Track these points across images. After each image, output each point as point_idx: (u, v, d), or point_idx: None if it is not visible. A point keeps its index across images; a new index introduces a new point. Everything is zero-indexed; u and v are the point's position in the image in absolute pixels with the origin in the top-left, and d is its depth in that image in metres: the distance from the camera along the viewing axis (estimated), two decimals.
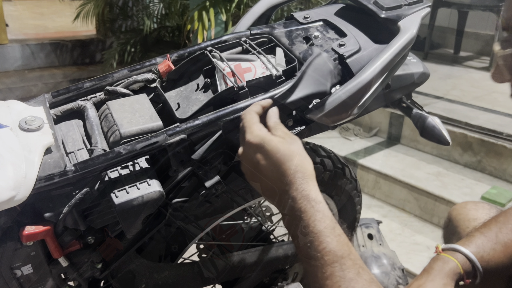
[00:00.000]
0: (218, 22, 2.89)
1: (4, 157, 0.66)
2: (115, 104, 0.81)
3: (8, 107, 0.77)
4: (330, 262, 0.61)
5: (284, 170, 0.66)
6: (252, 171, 0.69)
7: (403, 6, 0.87)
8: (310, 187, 0.65)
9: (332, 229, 0.63)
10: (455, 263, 0.81)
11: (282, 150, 0.66)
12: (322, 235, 0.62)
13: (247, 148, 0.69)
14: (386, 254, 1.51)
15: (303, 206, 0.64)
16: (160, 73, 0.87)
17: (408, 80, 0.95)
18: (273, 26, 0.94)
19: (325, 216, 0.64)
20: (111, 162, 0.71)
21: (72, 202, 0.70)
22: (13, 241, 0.70)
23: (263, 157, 0.67)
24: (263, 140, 0.68)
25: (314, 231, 0.62)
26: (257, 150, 0.68)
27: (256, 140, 0.68)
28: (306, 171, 0.67)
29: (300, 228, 0.63)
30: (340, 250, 0.61)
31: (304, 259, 0.63)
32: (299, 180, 0.65)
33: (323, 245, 0.61)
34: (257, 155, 0.68)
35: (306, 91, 0.80)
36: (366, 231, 1.60)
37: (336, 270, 0.60)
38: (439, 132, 0.90)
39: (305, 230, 0.63)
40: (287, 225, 0.68)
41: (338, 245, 0.62)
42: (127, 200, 0.71)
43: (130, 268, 0.92)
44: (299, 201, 0.64)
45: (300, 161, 0.67)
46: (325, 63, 0.82)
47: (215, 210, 0.95)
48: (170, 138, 0.74)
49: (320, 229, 0.62)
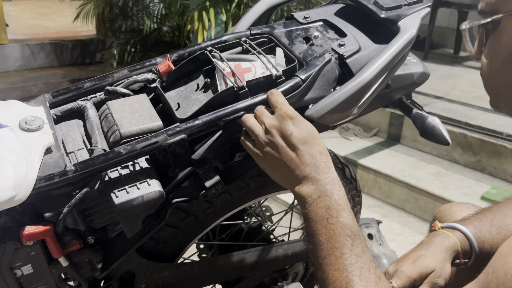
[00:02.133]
0: (218, 22, 2.89)
1: (4, 157, 0.66)
2: (115, 104, 0.81)
3: (8, 107, 0.77)
4: (343, 236, 0.65)
5: (315, 143, 0.71)
6: (278, 143, 0.71)
7: (403, 6, 0.87)
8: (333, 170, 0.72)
9: (350, 207, 0.69)
10: (454, 240, 0.83)
11: (313, 129, 0.72)
12: (345, 208, 0.67)
13: (282, 119, 0.71)
14: (386, 254, 1.51)
15: (330, 180, 0.69)
16: (160, 73, 0.87)
17: (408, 80, 0.95)
18: (273, 26, 0.94)
19: (346, 198, 0.69)
20: (111, 162, 0.71)
21: (72, 202, 0.70)
22: (13, 241, 0.70)
23: (297, 128, 0.70)
24: (298, 115, 0.72)
25: (340, 203, 0.67)
26: (292, 121, 0.71)
27: (293, 113, 0.72)
28: (328, 156, 0.73)
29: (326, 197, 0.68)
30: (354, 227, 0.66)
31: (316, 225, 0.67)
32: (325, 157, 0.71)
33: (342, 217, 0.66)
34: (291, 126, 0.71)
35: (313, 95, 0.82)
36: (366, 231, 1.60)
37: (348, 244, 0.64)
38: (439, 132, 0.90)
39: (330, 198, 0.67)
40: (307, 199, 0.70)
41: (354, 222, 0.67)
42: (127, 200, 0.72)
43: (130, 268, 0.92)
44: (327, 175, 0.70)
45: (323, 144, 0.73)
46: (333, 70, 0.84)
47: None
48: (170, 138, 0.74)
49: (343, 203, 0.68)
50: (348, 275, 0.62)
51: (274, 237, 1.32)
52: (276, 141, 0.71)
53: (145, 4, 3.98)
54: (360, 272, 0.62)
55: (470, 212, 0.94)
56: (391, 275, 0.81)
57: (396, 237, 2.18)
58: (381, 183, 2.49)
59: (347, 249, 0.64)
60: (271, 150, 0.71)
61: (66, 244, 0.76)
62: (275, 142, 0.71)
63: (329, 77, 0.83)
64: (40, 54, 4.26)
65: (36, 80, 4.04)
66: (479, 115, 2.60)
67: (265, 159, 0.73)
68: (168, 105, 0.82)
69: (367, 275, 0.62)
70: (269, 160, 0.72)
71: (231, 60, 0.86)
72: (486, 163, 2.42)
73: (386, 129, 2.84)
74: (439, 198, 2.24)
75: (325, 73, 0.83)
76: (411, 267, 0.79)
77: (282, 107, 0.72)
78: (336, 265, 0.63)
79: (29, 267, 0.73)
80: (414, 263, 0.80)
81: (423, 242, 0.85)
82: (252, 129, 0.74)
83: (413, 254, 0.82)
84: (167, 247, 0.96)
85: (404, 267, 0.80)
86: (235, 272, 1.10)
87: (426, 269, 0.79)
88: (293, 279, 1.34)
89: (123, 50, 3.65)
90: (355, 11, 0.94)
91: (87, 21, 3.87)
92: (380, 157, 2.62)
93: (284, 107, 0.72)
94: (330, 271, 0.63)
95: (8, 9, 5.27)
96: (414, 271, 0.79)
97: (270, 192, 1.04)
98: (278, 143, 0.71)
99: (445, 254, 0.81)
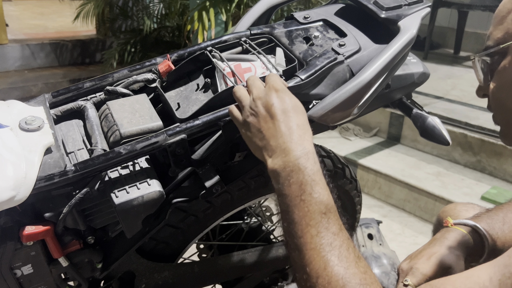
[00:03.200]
0: (218, 22, 2.89)
1: (4, 157, 0.66)
2: (115, 104, 0.81)
3: (8, 107, 0.77)
4: (318, 213, 0.62)
5: (295, 116, 0.69)
6: (259, 113, 0.70)
7: (403, 6, 0.87)
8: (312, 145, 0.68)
9: (325, 183, 0.66)
10: (468, 237, 0.81)
11: (298, 103, 0.71)
12: (319, 183, 0.64)
13: (268, 90, 0.71)
14: (386, 254, 1.52)
15: (304, 153, 0.65)
16: (160, 73, 0.87)
17: (408, 80, 0.95)
18: (273, 26, 0.94)
19: (322, 173, 0.66)
20: (111, 162, 0.71)
21: (72, 202, 0.70)
22: (13, 241, 0.70)
23: (279, 100, 0.69)
24: (285, 89, 0.71)
25: (314, 178, 0.64)
26: (276, 93, 0.70)
27: (279, 86, 0.71)
28: (308, 130, 0.70)
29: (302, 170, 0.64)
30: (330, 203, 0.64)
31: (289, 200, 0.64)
32: (303, 131, 0.68)
33: (316, 193, 0.63)
34: (274, 97, 0.69)
35: (319, 92, 0.82)
36: (366, 231, 1.60)
37: (323, 222, 0.61)
38: (439, 132, 0.90)
39: (303, 173, 0.64)
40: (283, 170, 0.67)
41: (330, 198, 0.64)
42: (127, 200, 0.72)
43: (130, 268, 0.92)
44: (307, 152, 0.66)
45: (304, 119, 0.70)
46: (344, 72, 0.84)
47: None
48: (170, 138, 0.74)
49: (317, 178, 0.64)
50: (326, 255, 0.58)
51: (274, 237, 1.32)
52: (258, 111, 0.70)
53: (145, 4, 3.98)
54: (338, 252, 0.59)
55: (475, 212, 0.94)
56: (406, 272, 0.78)
57: (396, 237, 2.18)
58: (381, 183, 2.49)
59: (323, 227, 0.60)
60: (253, 119, 0.70)
61: (66, 244, 0.76)
62: (257, 111, 0.70)
63: (339, 78, 0.84)
64: (40, 54, 4.25)
65: (36, 80, 4.04)
66: (479, 115, 2.60)
67: (247, 128, 0.72)
68: (168, 105, 0.82)
69: (346, 254, 0.59)
70: (250, 129, 0.71)
71: (231, 60, 0.86)
72: (486, 163, 2.42)
73: (386, 129, 2.84)
74: (439, 198, 2.24)
75: (335, 73, 0.83)
76: (426, 264, 0.77)
77: (272, 80, 0.72)
78: (312, 244, 0.60)
79: (29, 267, 0.73)
80: (429, 259, 0.77)
81: (436, 238, 0.82)
82: (241, 99, 0.73)
83: (428, 250, 0.80)
84: (167, 247, 0.96)
85: (419, 264, 0.77)
86: (235, 272, 1.10)
87: (442, 266, 0.76)
88: (293, 279, 1.34)
89: (123, 50, 3.65)
90: (355, 11, 0.94)
91: (87, 21, 3.87)
92: (380, 157, 2.62)
93: (273, 81, 0.72)
94: (306, 251, 0.60)
95: (8, 9, 5.27)
96: (429, 268, 0.76)
97: (270, 192, 1.04)
98: (260, 112, 0.70)
99: (459, 250, 0.78)
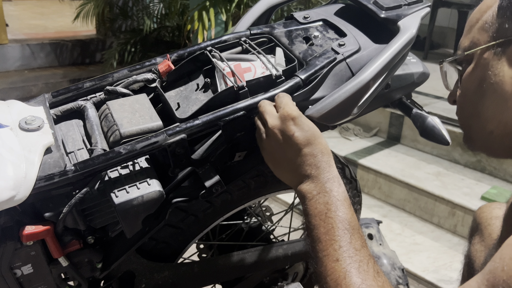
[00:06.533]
0: (218, 22, 2.89)
1: (4, 157, 0.66)
2: (115, 104, 0.81)
3: (8, 107, 0.77)
4: (342, 230, 0.65)
5: (318, 143, 0.72)
6: (280, 143, 0.73)
7: (403, 6, 0.87)
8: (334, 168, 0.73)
9: (350, 204, 0.70)
10: None
11: (316, 129, 0.73)
12: (344, 204, 0.68)
13: (284, 119, 0.73)
14: (386, 254, 1.51)
15: (330, 178, 0.70)
16: (160, 73, 0.87)
17: (408, 80, 0.95)
18: (273, 26, 0.94)
19: (346, 194, 0.70)
20: (111, 162, 0.71)
21: (72, 202, 0.70)
22: (13, 241, 0.70)
23: (299, 128, 0.72)
24: (301, 115, 0.73)
25: (339, 198, 0.69)
26: (294, 122, 0.72)
27: (295, 113, 0.73)
28: (330, 154, 0.74)
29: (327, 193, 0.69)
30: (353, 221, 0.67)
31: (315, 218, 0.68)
32: (327, 157, 0.72)
33: (341, 212, 0.67)
34: (293, 126, 0.72)
35: (325, 94, 0.82)
36: (366, 231, 1.60)
37: (346, 238, 0.65)
38: (439, 132, 0.90)
39: (329, 195, 0.69)
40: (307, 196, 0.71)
41: (354, 218, 0.68)
42: (127, 200, 0.71)
43: (130, 268, 0.92)
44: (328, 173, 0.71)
45: (325, 144, 0.74)
46: (346, 69, 0.84)
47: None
48: (170, 138, 0.74)
49: (342, 198, 0.69)
50: (346, 266, 0.62)
51: (274, 237, 1.32)
52: (279, 140, 0.73)
53: (145, 4, 3.98)
54: (358, 265, 0.62)
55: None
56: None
57: (396, 237, 2.18)
58: (381, 183, 2.49)
59: (345, 242, 0.64)
60: (276, 145, 0.74)
61: (66, 244, 0.76)
62: (278, 139, 0.73)
63: (342, 76, 0.84)
64: (40, 54, 4.26)
65: (36, 80, 4.04)
66: None
67: (269, 153, 0.76)
68: (168, 105, 0.82)
69: (365, 268, 0.62)
70: (274, 155, 0.75)
71: (231, 60, 0.86)
72: (486, 163, 2.42)
73: (386, 129, 2.84)
74: (439, 198, 2.24)
75: (337, 72, 0.83)
76: None
77: (285, 107, 0.74)
78: (334, 256, 0.63)
79: (29, 267, 0.73)
80: None
81: None
82: (258, 126, 0.77)
83: None
84: (167, 247, 0.96)
85: None
86: (235, 272, 1.10)
87: None
88: (293, 279, 1.34)
89: (123, 50, 3.65)
90: (355, 11, 0.94)
91: (87, 21, 3.88)
92: (380, 157, 2.62)
93: (287, 107, 0.73)
94: (328, 263, 0.64)
95: (8, 9, 5.27)
96: None
97: (270, 192, 1.04)
98: (281, 141, 0.72)
99: None
